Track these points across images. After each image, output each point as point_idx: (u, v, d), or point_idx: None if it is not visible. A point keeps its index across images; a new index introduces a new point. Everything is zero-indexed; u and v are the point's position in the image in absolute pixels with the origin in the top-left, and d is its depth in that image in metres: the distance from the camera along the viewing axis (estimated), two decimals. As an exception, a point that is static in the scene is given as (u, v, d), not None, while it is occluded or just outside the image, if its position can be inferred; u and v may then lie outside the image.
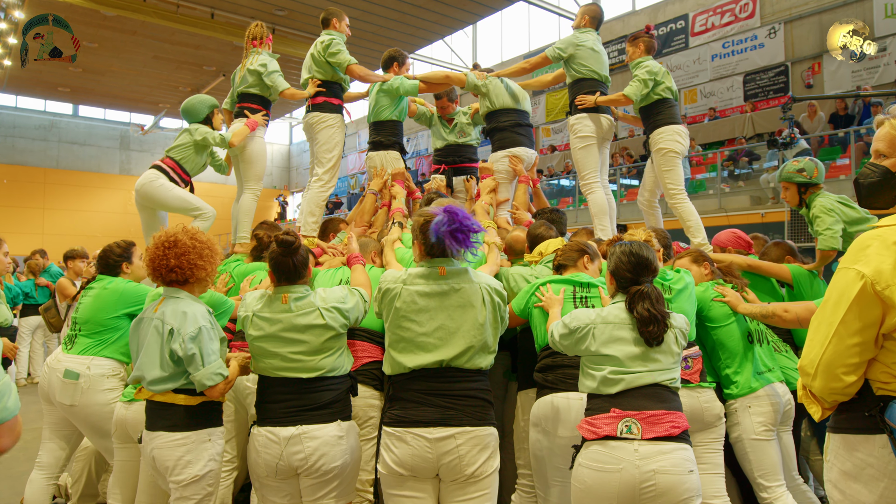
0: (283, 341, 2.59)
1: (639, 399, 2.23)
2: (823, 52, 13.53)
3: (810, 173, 3.95)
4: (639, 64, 4.69)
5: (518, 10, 18.94)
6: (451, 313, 2.45)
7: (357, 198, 20.22)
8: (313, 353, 2.59)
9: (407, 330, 2.45)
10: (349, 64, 4.81)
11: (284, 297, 2.63)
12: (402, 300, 2.47)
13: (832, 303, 1.64)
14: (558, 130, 18.79)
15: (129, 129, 26.51)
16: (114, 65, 19.63)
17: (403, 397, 2.45)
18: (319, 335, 2.59)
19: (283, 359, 2.59)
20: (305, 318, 2.59)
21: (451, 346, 2.43)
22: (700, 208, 11.69)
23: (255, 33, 5.01)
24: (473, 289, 2.49)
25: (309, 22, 16.13)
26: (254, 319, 2.64)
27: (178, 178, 4.69)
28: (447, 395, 2.42)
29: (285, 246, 2.63)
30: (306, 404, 2.57)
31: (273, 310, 2.63)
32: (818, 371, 1.64)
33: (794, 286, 3.74)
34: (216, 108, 4.89)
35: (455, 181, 5.36)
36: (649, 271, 2.40)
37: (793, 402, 3.21)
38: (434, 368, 2.43)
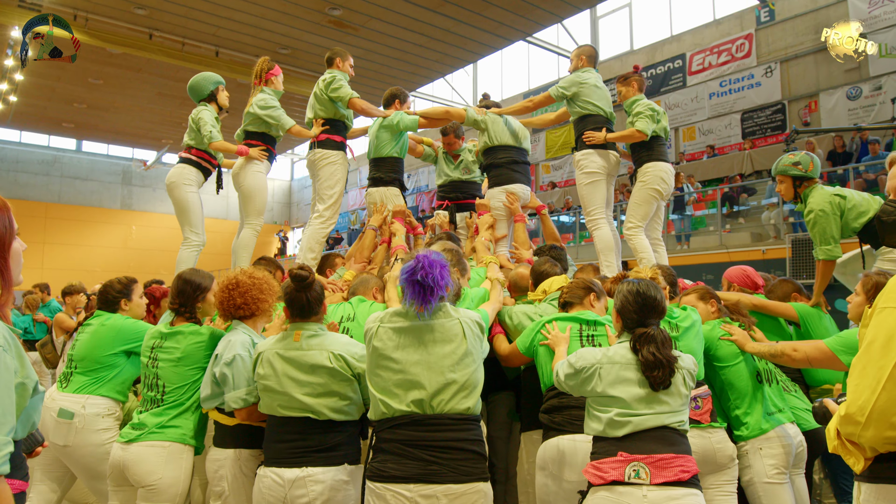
0: (290, 380, 2.52)
1: (647, 442, 2.16)
2: (820, 91, 13.72)
3: (806, 166, 3.89)
4: (635, 102, 4.74)
5: (518, 49, 19.25)
6: (429, 349, 2.34)
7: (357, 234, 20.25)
8: (320, 396, 2.51)
9: (386, 369, 2.35)
10: (350, 98, 4.85)
11: (297, 334, 2.59)
12: (379, 339, 2.39)
13: (879, 345, 1.52)
14: (558, 167, 18.91)
15: (131, 165, 26.69)
16: (118, 101, 19.87)
17: (384, 448, 2.29)
18: (328, 377, 2.52)
19: (290, 398, 2.52)
20: (314, 358, 2.53)
21: (430, 382, 2.30)
22: (701, 245, 11.82)
23: (255, 71, 5.04)
24: (452, 323, 2.40)
25: (311, 60, 16.39)
26: (264, 356, 2.60)
27: (208, 164, 4.97)
28: (430, 447, 2.24)
29: (299, 281, 2.60)
30: (312, 446, 2.48)
31: (285, 346, 2.58)
32: (871, 419, 1.50)
33: (801, 325, 3.68)
34: (221, 84, 5.00)
35: (458, 217, 5.36)
36: (656, 312, 2.34)
37: (805, 444, 3.13)
38: (418, 415, 2.27)
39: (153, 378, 3.01)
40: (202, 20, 14.50)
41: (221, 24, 14.73)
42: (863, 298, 2.85)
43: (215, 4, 13.72)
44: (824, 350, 2.75)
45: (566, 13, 14.61)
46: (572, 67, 5.00)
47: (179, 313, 3.12)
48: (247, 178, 4.88)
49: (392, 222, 4.58)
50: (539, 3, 13.74)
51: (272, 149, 5.06)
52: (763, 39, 14.82)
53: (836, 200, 3.70)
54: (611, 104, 4.93)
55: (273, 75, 5.03)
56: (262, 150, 4.93)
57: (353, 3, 13.61)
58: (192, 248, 4.84)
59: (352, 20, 14.40)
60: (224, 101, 5.01)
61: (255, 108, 4.84)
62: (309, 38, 15.27)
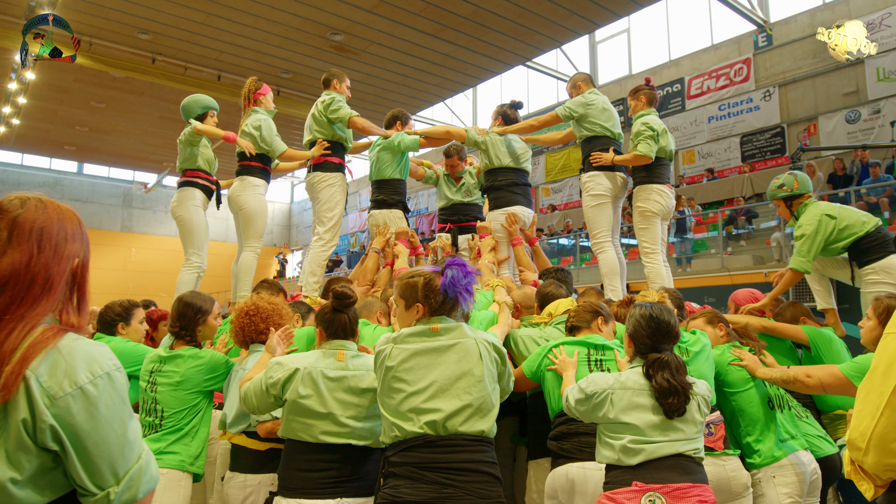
0: (337, 402, 2.40)
1: (662, 471, 2.09)
2: (819, 114, 13.79)
3: (790, 186, 4.09)
4: (639, 118, 4.71)
5: (517, 73, 19.41)
6: (445, 369, 2.23)
7: (357, 256, 20.26)
8: (365, 419, 2.42)
9: (399, 391, 2.23)
10: (351, 117, 4.83)
11: (341, 353, 2.49)
12: (392, 359, 2.26)
13: (881, 371, 1.51)
14: (558, 190, 18.95)
15: (132, 187, 26.75)
16: (120, 124, 19.98)
17: (396, 472, 2.15)
18: (374, 400, 2.43)
19: (333, 422, 2.38)
20: (364, 380, 2.44)
21: (446, 403, 2.19)
22: (703, 268, 11.78)
23: (243, 92, 5.02)
24: (469, 343, 2.29)
25: (312, 84, 16.50)
26: (304, 374, 2.42)
27: (206, 182, 4.94)
28: (445, 469, 2.12)
29: (343, 299, 2.56)
30: (347, 475, 2.36)
31: (329, 365, 2.46)
32: (870, 445, 1.49)
33: (811, 348, 3.63)
34: (213, 110, 4.97)
35: (460, 239, 5.32)
36: (670, 337, 2.28)
37: (819, 472, 3.05)
38: (431, 436, 2.15)
39: (151, 403, 2.94)
40: (205, 45, 14.63)
41: (224, 49, 14.86)
42: (875, 322, 2.80)
43: (218, 29, 13.85)
44: (839, 376, 2.69)
45: (565, 38, 14.75)
46: (574, 95, 4.99)
47: (179, 336, 3.06)
48: (248, 200, 4.84)
49: (395, 244, 4.54)
50: (538, 28, 13.88)
51: (269, 169, 5.03)
52: (761, 64, 14.94)
53: (825, 220, 3.88)
54: (619, 125, 4.92)
55: (261, 94, 4.99)
56: (254, 167, 4.88)
57: (354, 29, 13.75)
58: (192, 269, 4.79)
59: (353, 45, 14.54)
60: (210, 125, 4.94)
61: (250, 128, 4.82)
62: (310, 62, 15.40)
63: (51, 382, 1.17)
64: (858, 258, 3.91)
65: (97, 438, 1.21)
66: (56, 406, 1.16)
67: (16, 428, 1.14)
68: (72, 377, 1.18)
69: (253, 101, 4.95)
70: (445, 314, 2.31)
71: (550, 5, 12.88)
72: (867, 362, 2.67)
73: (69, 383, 1.18)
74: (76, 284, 1.33)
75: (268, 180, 5.02)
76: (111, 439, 1.23)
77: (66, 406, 1.17)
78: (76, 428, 1.18)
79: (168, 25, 13.66)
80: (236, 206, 4.90)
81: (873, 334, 2.78)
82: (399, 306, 2.37)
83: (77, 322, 1.31)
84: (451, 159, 5.41)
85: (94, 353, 1.25)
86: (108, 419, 1.22)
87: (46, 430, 1.15)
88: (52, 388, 1.16)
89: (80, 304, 1.34)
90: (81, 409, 1.18)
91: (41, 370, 1.16)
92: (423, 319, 2.32)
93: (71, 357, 1.20)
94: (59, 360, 1.19)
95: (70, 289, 1.31)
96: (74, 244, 1.33)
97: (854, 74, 13.36)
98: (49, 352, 1.18)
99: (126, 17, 13.28)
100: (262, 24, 13.52)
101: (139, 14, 13.12)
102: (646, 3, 13.32)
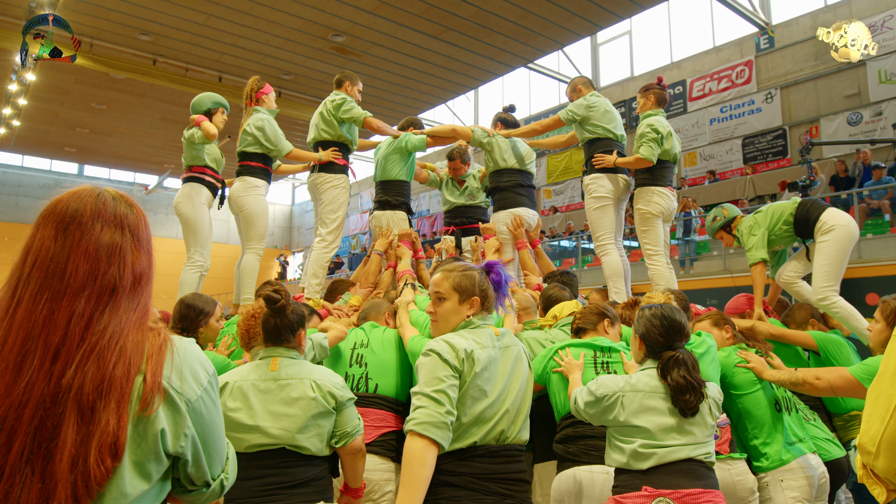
0: (268, 414, 2.25)
1: (672, 476, 2.06)
2: (820, 116, 13.77)
3: (721, 215, 4.51)
4: (646, 118, 4.69)
5: (519, 75, 19.40)
6: (505, 377, 2.13)
7: (358, 258, 20.24)
8: (300, 431, 2.25)
9: (473, 399, 2.04)
10: (365, 117, 4.82)
11: (274, 361, 2.35)
12: (479, 368, 2.05)
13: (890, 374, 1.50)
14: (559, 192, 18.93)
15: (132, 189, 26.73)
16: (121, 126, 19.97)
17: (452, 482, 2.00)
18: (308, 409, 2.26)
19: (263, 434, 2.22)
20: (297, 390, 2.28)
21: (507, 413, 2.09)
22: (705, 270, 11.74)
23: (245, 92, 4.98)
24: (519, 350, 2.23)
25: (314, 86, 16.51)
26: (234, 387, 2.30)
27: (213, 179, 4.90)
28: (505, 479, 2.04)
29: (270, 303, 2.38)
30: (285, 481, 2.23)
31: (260, 376, 2.31)
32: (880, 449, 1.47)
33: (820, 353, 3.59)
34: (222, 107, 4.94)
35: (464, 242, 5.30)
36: (682, 336, 2.26)
37: (827, 475, 3.02)
38: (493, 446, 2.05)
39: None
40: (206, 46, 14.62)
41: (225, 50, 14.85)
42: (883, 325, 2.77)
43: (219, 31, 13.84)
44: (849, 378, 2.66)
45: (567, 40, 14.74)
46: (574, 98, 4.97)
47: None
48: (248, 201, 4.82)
49: (398, 246, 4.51)
50: (540, 30, 13.87)
51: (270, 169, 5.01)
52: (763, 66, 14.93)
53: (755, 217, 4.28)
54: (621, 127, 4.90)
55: (263, 94, 4.95)
56: (254, 168, 4.87)
57: (355, 30, 13.74)
58: (195, 268, 4.76)
59: (354, 46, 14.53)
60: (218, 123, 4.90)
61: (252, 128, 4.79)
62: (312, 63, 15.40)
63: (184, 388, 1.16)
64: (804, 229, 4.14)
65: (217, 433, 1.25)
66: (193, 411, 1.17)
67: (153, 439, 1.10)
68: (197, 380, 1.19)
69: (255, 101, 4.91)
70: (488, 313, 2.24)
71: (552, 7, 12.87)
72: (878, 365, 2.64)
73: (197, 386, 1.18)
74: None
75: (269, 181, 4.99)
76: (220, 432, 1.28)
77: (199, 409, 1.18)
78: (205, 427, 1.20)
79: (169, 27, 13.65)
80: (237, 207, 4.86)
81: (881, 337, 2.76)
82: (451, 299, 2.18)
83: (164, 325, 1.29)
84: (454, 162, 5.39)
85: (198, 352, 1.26)
86: (218, 414, 1.27)
87: (189, 437, 1.16)
88: (186, 393, 1.16)
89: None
90: (207, 409, 1.21)
91: (172, 377, 1.14)
92: (479, 315, 2.19)
93: (189, 359, 1.20)
94: (180, 363, 1.17)
95: None
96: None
97: (856, 77, 13.34)
98: (172, 356, 1.16)
99: (127, 19, 13.27)
100: (264, 25, 13.51)
101: (140, 15, 13.11)
102: (647, 4, 13.31)
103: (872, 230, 10.41)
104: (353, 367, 3.06)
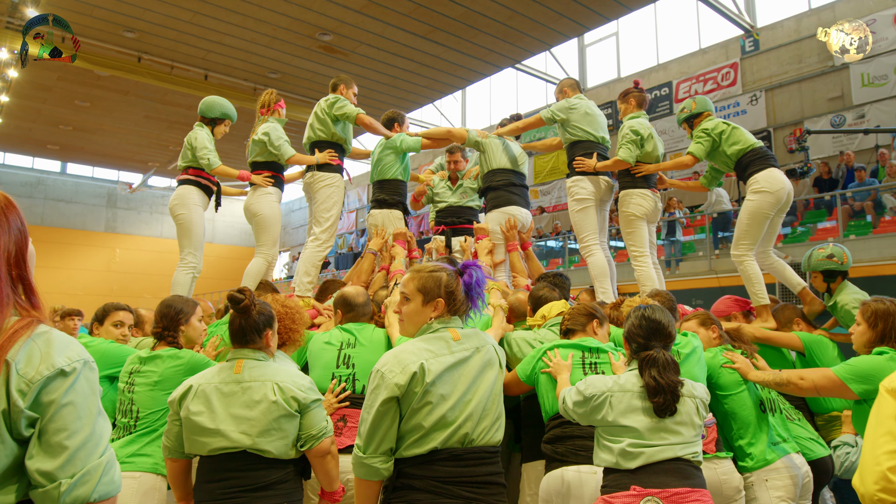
0: (228, 416, 2.21)
1: (660, 475, 2.07)
2: (804, 119, 13.92)
3: (689, 107, 4.65)
4: (628, 121, 4.74)
5: (506, 75, 19.43)
6: (474, 379, 2.12)
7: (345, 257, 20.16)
8: (262, 434, 2.21)
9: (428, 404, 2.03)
10: (357, 114, 4.85)
11: (238, 363, 2.32)
12: (431, 377, 2.03)
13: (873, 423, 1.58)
14: (546, 192, 18.99)
15: (116, 187, 26.49)
16: (105, 123, 19.77)
17: (413, 486, 1.99)
18: (268, 412, 2.22)
19: (224, 437, 2.19)
20: (258, 392, 2.24)
21: (473, 415, 2.07)
22: (690, 270, 11.82)
23: (263, 101, 5.07)
24: (489, 349, 2.21)
25: (301, 85, 16.44)
26: (199, 390, 2.27)
27: (208, 182, 4.91)
28: (473, 483, 2.02)
29: (234, 303, 2.33)
30: (248, 484, 2.19)
31: (224, 379, 2.27)
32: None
33: (806, 353, 3.64)
34: (230, 119, 5.01)
35: (454, 242, 5.31)
36: (662, 336, 2.27)
37: (811, 475, 3.05)
38: (458, 449, 2.03)
39: (128, 404, 2.87)
40: (192, 44, 14.50)
41: (211, 48, 14.74)
42: (865, 327, 2.82)
43: (205, 28, 13.74)
44: (833, 378, 2.69)
45: (554, 41, 14.79)
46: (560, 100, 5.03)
47: (161, 338, 3.01)
48: (261, 207, 4.89)
49: (393, 245, 4.51)
50: (528, 30, 13.90)
51: (281, 176, 5.06)
52: (748, 68, 15.06)
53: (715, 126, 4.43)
54: (604, 129, 4.93)
55: (280, 107, 5.09)
56: (267, 176, 4.92)
57: (343, 29, 13.69)
58: (188, 269, 4.77)
59: (342, 45, 14.48)
60: (219, 134, 5.01)
61: (260, 134, 4.87)
62: (299, 62, 15.33)
63: (27, 368, 1.17)
64: (743, 172, 4.33)
65: (64, 422, 1.19)
66: (32, 389, 1.17)
67: None
68: (49, 361, 1.20)
69: (270, 111, 5.02)
70: (458, 316, 2.22)
71: (540, 8, 12.90)
72: (861, 365, 2.68)
73: (46, 366, 1.19)
74: (16, 278, 1.27)
75: (281, 188, 5.09)
76: (76, 427, 1.21)
77: (41, 387, 1.18)
78: (47, 407, 1.18)
79: (155, 24, 13.53)
80: (250, 214, 4.96)
81: (864, 338, 2.80)
82: (414, 301, 2.17)
83: (38, 315, 1.28)
84: (454, 155, 5.47)
85: (70, 342, 1.26)
86: (78, 405, 1.22)
87: (21, 417, 1.15)
88: (28, 373, 1.17)
89: (28, 295, 1.28)
90: (55, 388, 1.19)
91: (19, 357, 1.17)
92: (442, 318, 2.17)
93: (47, 345, 1.22)
94: (35, 348, 1.20)
95: (11, 284, 1.25)
96: (1, 237, 1.25)
97: (839, 80, 13.50)
98: (25, 341, 1.19)
99: (112, 15, 13.13)
100: (251, 23, 13.43)
101: (125, 12, 12.98)
102: (634, 6, 13.38)
103: (856, 231, 10.54)
104: (341, 367, 3.04)
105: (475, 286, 2.21)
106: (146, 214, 26.95)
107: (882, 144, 12.09)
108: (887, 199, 10.59)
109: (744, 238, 4.23)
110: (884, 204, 10.61)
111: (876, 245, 9.91)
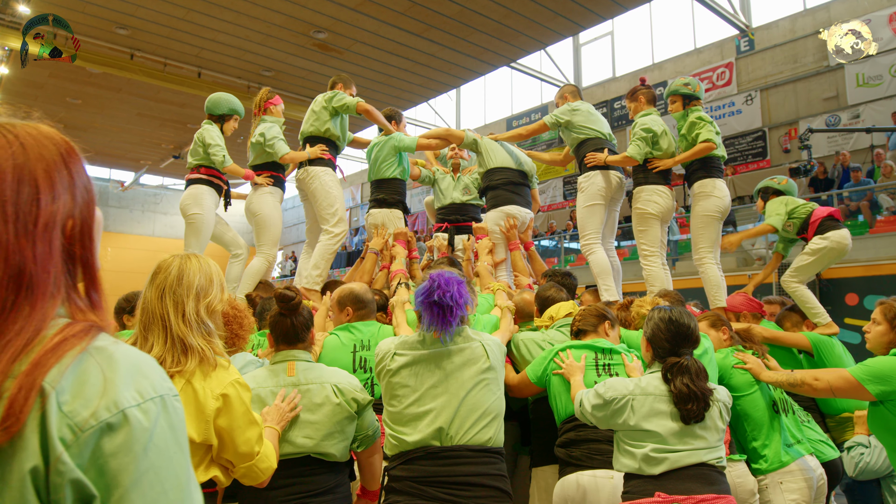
0: (289, 423, 2.15)
1: (685, 481, 2.01)
2: (799, 119, 13.94)
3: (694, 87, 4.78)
4: (640, 118, 4.69)
5: (501, 74, 19.38)
6: (448, 374, 2.12)
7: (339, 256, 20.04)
8: (324, 438, 2.19)
9: (400, 397, 2.11)
10: (357, 102, 4.82)
11: (291, 365, 2.26)
12: (394, 363, 2.15)
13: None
14: (541, 191, 18.94)
15: (108, 186, 26.23)
16: (97, 121, 19.56)
17: (396, 487, 2.01)
18: (332, 415, 2.20)
19: (288, 443, 2.15)
20: (319, 395, 2.19)
21: (450, 409, 2.06)
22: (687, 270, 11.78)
23: (255, 101, 5.02)
24: (474, 346, 2.19)
25: (295, 83, 16.31)
26: (254, 397, 2.17)
27: (220, 180, 4.87)
28: (448, 483, 1.98)
29: (284, 301, 2.28)
30: (312, 489, 2.16)
31: (279, 384, 2.22)
32: None
33: (814, 353, 3.60)
34: (238, 115, 4.96)
35: (457, 240, 5.25)
36: (690, 342, 2.22)
37: (825, 477, 3.02)
38: (434, 447, 2.02)
39: None
40: (185, 41, 14.35)
41: (205, 46, 14.59)
42: (886, 327, 2.77)
43: (199, 26, 13.60)
44: (849, 379, 2.64)
45: (550, 40, 14.73)
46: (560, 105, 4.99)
47: None
48: (261, 207, 4.85)
49: (393, 245, 4.46)
50: (523, 29, 13.84)
51: (281, 176, 5.01)
52: (743, 68, 15.07)
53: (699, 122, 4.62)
54: (608, 127, 4.90)
55: (272, 104, 5.01)
56: (267, 176, 4.87)
57: (337, 27, 13.59)
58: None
59: (336, 43, 14.37)
60: (229, 130, 4.97)
61: (257, 135, 4.83)
62: (293, 60, 15.20)
63: (75, 404, 0.71)
64: (690, 178, 4.65)
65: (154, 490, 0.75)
66: (83, 440, 0.71)
67: (19, 481, 0.68)
68: (112, 395, 0.73)
69: (263, 110, 4.96)
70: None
71: (535, 7, 12.85)
72: (878, 365, 2.63)
73: (107, 404, 0.72)
74: (77, 261, 0.85)
75: (282, 188, 5.04)
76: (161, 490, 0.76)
77: (97, 443, 0.71)
78: (110, 480, 0.72)
79: (147, 21, 13.37)
80: (250, 214, 4.92)
81: (885, 338, 2.75)
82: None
83: (98, 319, 0.83)
84: (454, 147, 5.40)
85: (143, 363, 0.79)
86: (158, 469, 0.75)
87: (65, 485, 0.69)
88: (78, 412, 0.71)
89: (89, 288, 0.86)
90: (122, 447, 0.73)
91: (63, 384, 0.72)
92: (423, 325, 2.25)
93: (110, 366, 0.75)
94: (92, 370, 0.74)
95: (69, 270, 0.83)
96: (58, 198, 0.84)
97: (834, 80, 13.52)
98: (76, 357, 0.74)
99: (104, 12, 12.96)
100: (245, 20, 13.30)
101: (118, 9, 12.81)
102: (630, 5, 13.35)
103: (851, 231, 10.46)
104: (358, 371, 2.95)
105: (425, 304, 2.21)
106: (138, 213, 26.72)
107: (878, 144, 12.11)
108: (883, 199, 10.60)
109: (700, 243, 4.64)
110: (879, 204, 10.62)
111: (872, 245, 9.92)
